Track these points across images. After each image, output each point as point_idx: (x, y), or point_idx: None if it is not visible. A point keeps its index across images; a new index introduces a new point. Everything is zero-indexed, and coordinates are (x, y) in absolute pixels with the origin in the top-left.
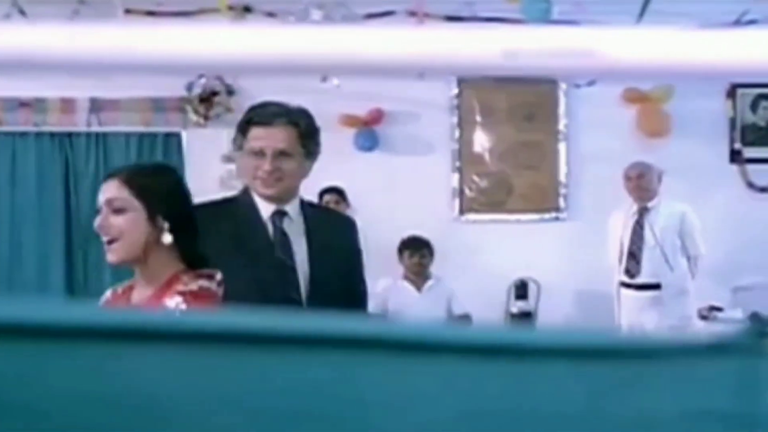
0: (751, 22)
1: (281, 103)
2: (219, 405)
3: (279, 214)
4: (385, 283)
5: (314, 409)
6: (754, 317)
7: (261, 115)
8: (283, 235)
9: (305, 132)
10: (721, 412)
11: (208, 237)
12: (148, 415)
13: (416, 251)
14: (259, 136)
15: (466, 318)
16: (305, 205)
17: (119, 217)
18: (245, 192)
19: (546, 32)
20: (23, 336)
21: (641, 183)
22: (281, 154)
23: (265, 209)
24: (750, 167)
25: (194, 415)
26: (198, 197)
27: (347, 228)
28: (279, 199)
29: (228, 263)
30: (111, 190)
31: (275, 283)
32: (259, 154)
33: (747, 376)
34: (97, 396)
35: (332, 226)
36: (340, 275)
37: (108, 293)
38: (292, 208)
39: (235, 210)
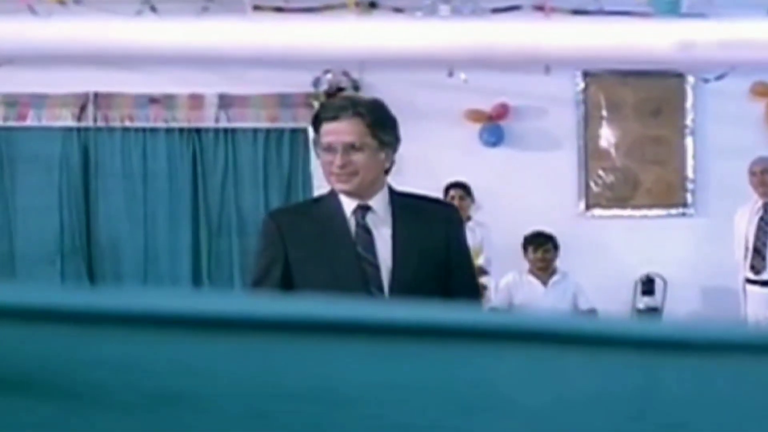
0: None
1: (350, 95)
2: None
3: (362, 209)
4: (510, 277)
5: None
6: None
7: (328, 110)
8: (365, 231)
9: (374, 122)
10: None
11: (292, 239)
12: (324, 407)
13: (540, 246)
14: (328, 131)
15: (592, 313)
16: (396, 197)
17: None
18: (331, 191)
19: (722, 25)
20: (189, 326)
21: (766, 178)
22: (351, 147)
23: (348, 205)
24: None
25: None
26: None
27: (442, 217)
28: (358, 194)
29: (310, 263)
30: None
31: (355, 279)
32: (331, 149)
33: None
34: (271, 387)
35: (426, 216)
36: (429, 267)
37: None
38: (377, 201)
39: (319, 210)
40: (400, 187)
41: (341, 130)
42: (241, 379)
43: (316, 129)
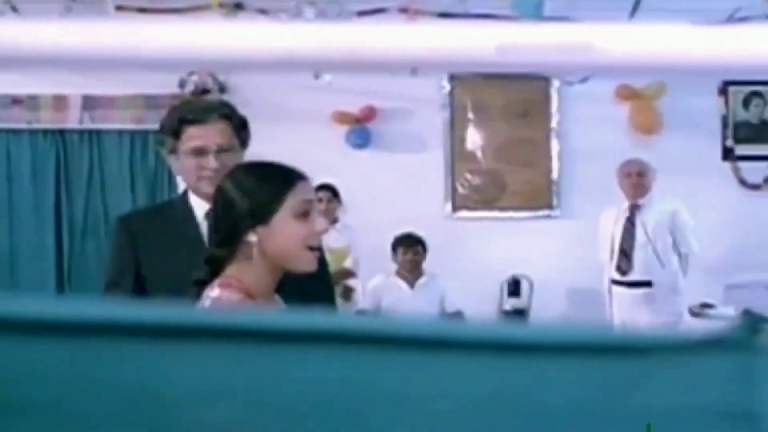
0: (744, 18)
1: (203, 99)
2: (223, 398)
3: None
4: (378, 280)
5: (320, 403)
6: (746, 314)
7: (194, 113)
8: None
9: (238, 124)
10: (718, 408)
11: (143, 244)
12: (152, 409)
13: (410, 248)
14: (196, 135)
15: (458, 315)
16: None
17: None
18: (184, 194)
19: (540, 28)
20: (22, 331)
21: (641, 181)
22: (222, 150)
23: (200, 209)
24: (742, 165)
25: (197, 407)
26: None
27: None
28: None
29: (162, 267)
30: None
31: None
32: (201, 152)
33: (742, 371)
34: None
35: None
36: None
37: None
38: None
39: (171, 213)
40: None
41: (212, 133)
42: (62, 382)
43: (177, 133)
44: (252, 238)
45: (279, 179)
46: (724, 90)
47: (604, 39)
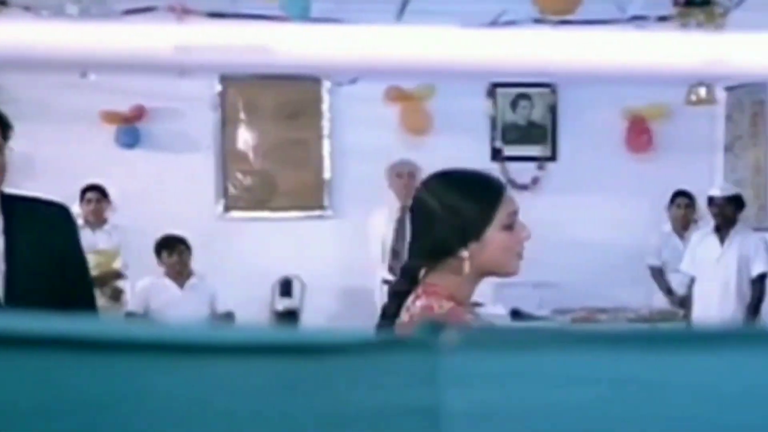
0: (510, 22)
1: None
2: None
3: None
4: (147, 281)
5: (80, 410)
6: (515, 313)
7: None
8: None
9: (4, 122)
10: (404, 406)
11: None
12: None
13: (173, 249)
14: None
15: (229, 316)
16: (7, 200)
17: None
18: None
19: (221, 29)
20: None
21: (411, 181)
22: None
23: None
24: (510, 165)
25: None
26: None
27: (57, 219)
28: None
29: None
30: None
31: None
32: None
33: (426, 370)
34: None
35: (40, 218)
36: (47, 271)
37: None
38: None
39: None
40: (35, 192)
41: None
42: None
43: None
44: (464, 253)
45: (487, 196)
46: (492, 92)
47: (280, 41)
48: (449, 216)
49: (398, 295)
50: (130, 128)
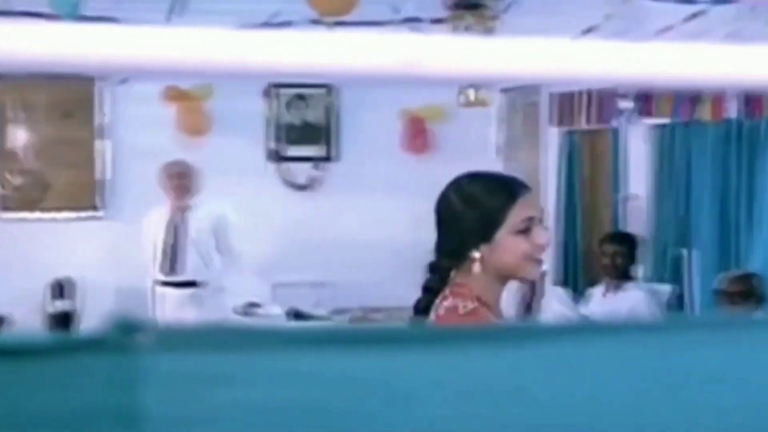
0: (287, 23)
1: None
2: None
3: None
4: None
5: None
6: (292, 313)
7: None
8: None
9: None
10: (102, 409)
11: None
12: None
13: None
14: None
15: (1, 320)
16: None
17: None
18: None
19: None
20: None
21: (184, 182)
22: None
23: None
24: (289, 166)
25: None
26: None
27: None
28: None
29: None
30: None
31: None
32: None
33: (121, 372)
34: None
35: None
36: None
37: None
38: None
39: None
40: None
41: None
42: None
43: None
44: (476, 254)
45: (499, 199)
46: (269, 92)
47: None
48: (462, 217)
49: (429, 291)
50: None
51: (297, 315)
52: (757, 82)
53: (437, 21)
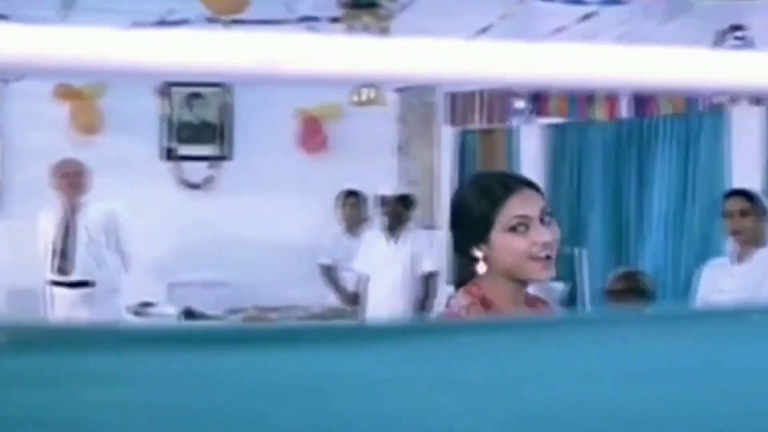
0: (182, 21)
1: None
2: None
3: None
4: None
5: None
6: (188, 312)
7: None
8: None
9: None
10: None
11: None
12: None
13: None
14: None
15: None
16: None
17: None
18: None
19: None
20: None
21: (76, 180)
22: None
23: None
24: (183, 165)
25: None
26: None
27: None
28: None
29: None
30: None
31: None
32: None
33: None
34: None
35: None
36: None
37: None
38: None
39: None
40: None
41: None
42: None
43: None
44: (477, 253)
45: (488, 198)
46: (165, 91)
47: None
48: (459, 218)
49: (456, 286)
50: None
51: (189, 314)
52: (648, 82)
53: (335, 20)
